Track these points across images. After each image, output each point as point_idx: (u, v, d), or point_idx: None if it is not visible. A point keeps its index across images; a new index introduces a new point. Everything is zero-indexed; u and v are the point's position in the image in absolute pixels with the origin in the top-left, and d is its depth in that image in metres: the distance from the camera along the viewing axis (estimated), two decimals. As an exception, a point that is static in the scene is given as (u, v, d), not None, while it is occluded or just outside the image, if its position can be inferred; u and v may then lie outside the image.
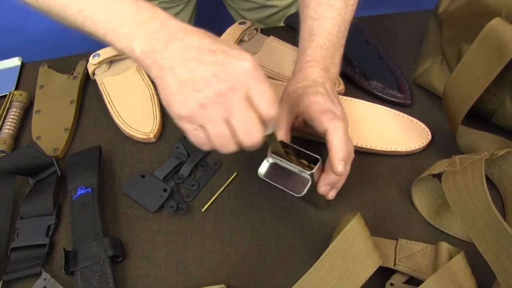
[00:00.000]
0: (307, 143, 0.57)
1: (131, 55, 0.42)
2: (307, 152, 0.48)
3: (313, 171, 0.47)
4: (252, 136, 0.40)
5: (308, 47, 0.54)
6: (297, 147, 0.49)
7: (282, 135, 0.50)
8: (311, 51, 0.53)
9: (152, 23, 0.41)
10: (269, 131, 0.43)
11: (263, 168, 0.50)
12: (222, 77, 0.38)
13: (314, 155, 0.48)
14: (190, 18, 0.93)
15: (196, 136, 0.41)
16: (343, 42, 0.56)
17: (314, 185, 0.49)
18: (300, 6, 0.58)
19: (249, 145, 0.41)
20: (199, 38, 0.40)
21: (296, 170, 0.49)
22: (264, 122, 0.41)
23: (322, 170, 0.49)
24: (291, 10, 0.93)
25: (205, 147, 0.42)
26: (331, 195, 0.51)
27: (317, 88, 0.50)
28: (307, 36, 0.55)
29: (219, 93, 0.38)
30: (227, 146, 0.41)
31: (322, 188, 0.49)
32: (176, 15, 0.88)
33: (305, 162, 0.50)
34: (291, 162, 0.49)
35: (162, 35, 0.40)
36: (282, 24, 0.92)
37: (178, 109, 0.40)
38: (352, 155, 0.50)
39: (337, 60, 0.55)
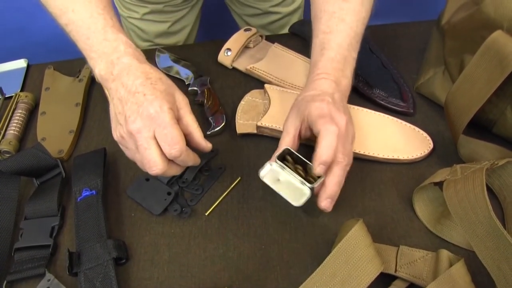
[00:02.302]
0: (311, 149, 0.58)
1: (95, 76, 0.51)
2: (309, 162, 0.49)
3: (314, 185, 0.48)
4: (150, 169, 0.48)
5: (319, 61, 0.54)
6: (302, 157, 0.50)
7: (289, 141, 0.51)
8: (322, 64, 0.54)
9: (111, 56, 0.49)
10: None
11: (264, 171, 0.51)
12: (133, 119, 0.46)
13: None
14: (195, 22, 0.94)
15: (126, 153, 0.51)
16: (354, 55, 0.56)
17: (313, 196, 0.49)
18: (312, 21, 0.59)
19: (151, 173, 0.48)
20: (135, 78, 0.48)
21: (298, 181, 0.49)
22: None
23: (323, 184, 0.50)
24: (294, 17, 0.94)
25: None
26: (329, 208, 0.50)
27: (325, 97, 0.51)
28: (319, 50, 0.55)
29: (130, 131, 0.47)
30: (142, 167, 0.49)
31: (323, 203, 0.49)
32: (181, 18, 0.89)
33: (308, 172, 0.50)
34: (294, 171, 0.50)
35: (114, 69, 0.49)
36: (285, 30, 0.94)
37: (113, 133, 0.51)
38: (350, 162, 0.50)
39: (349, 73, 0.55)
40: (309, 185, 0.49)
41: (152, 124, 0.46)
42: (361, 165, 0.58)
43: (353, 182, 0.55)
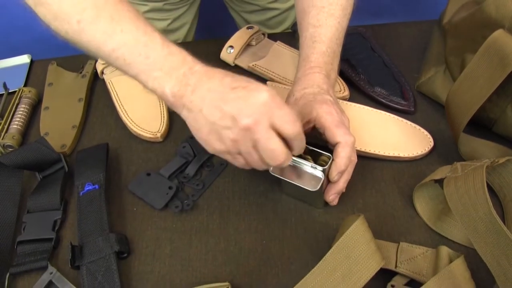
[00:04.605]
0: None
1: (162, 97, 0.47)
2: (317, 150, 0.50)
3: (326, 167, 0.49)
4: (276, 160, 0.44)
5: (312, 54, 0.56)
6: (308, 146, 0.50)
7: None
8: (314, 57, 0.56)
9: (181, 69, 0.45)
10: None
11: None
12: (246, 113, 0.42)
13: (326, 153, 0.50)
14: (194, 19, 0.95)
15: (236, 162, 0.47)
16: (340, 49, 0.59)
17: (322, 184, 0.50)
18: (299, 15, 0.61)
19: (276, 165, 0.45)
20: (221, 79, 0.44)
21: (308, 166, 0.50)
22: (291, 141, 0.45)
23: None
24: (292, 13, 0.95)
25: (247, 168, 0.48)
26: (336, 201, 0.54)
27: (326, 96, 0.53)
28: (310, 43, 0.57)
29: (245, 127, 0.43)
30: (260, 167, 0.47)
31: (331, 197, 0.53)
32: (179, 16, 0.90)
33: (312, 160, 0.51)
34: (303, 159, 0.51)
35: (190, 79, 0.45)
36: (283, 26, 0.94)
37: (216, 146, 0.46)
38: (355, 160, 0.52)
39: (336, 66, 0.58)
40: (320, 168, 0.50)
41: (267, 112, 0.43)
42: (362, 162, 0.58)
43: (354, 179, 0.55)
